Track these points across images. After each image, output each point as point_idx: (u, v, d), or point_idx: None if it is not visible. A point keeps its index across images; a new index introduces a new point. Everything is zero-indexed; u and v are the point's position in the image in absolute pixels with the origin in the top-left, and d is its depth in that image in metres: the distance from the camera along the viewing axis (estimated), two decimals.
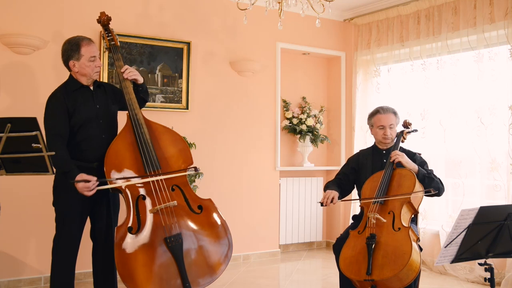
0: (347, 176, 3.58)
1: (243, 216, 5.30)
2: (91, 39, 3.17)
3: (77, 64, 3.08)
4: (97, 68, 3.14)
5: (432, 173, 3.35)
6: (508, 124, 4.36)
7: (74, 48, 3.07)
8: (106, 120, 3.21)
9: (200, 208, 3.14)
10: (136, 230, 2.95)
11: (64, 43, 3.14)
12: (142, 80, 3.33)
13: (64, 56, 3.12)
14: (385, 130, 3.45)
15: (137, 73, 3.28)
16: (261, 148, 5.47)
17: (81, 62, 3.08)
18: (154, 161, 3.07)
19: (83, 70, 3.09)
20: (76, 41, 3.09)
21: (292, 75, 5.95)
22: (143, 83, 3.36)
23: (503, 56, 4.49)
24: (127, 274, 2.85)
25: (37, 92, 4.28)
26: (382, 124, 3.45)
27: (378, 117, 3.48)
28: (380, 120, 3.46)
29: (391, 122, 3.46)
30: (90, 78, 3.15)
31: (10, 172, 2.32)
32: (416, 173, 3.26)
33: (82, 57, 3.07)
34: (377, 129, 3.49)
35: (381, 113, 3.47)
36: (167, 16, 4.93)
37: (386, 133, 3.45)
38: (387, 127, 3.45)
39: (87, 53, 3.08)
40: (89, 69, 3.10)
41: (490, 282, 2.51)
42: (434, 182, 3.27)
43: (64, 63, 3.14)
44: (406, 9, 5.25)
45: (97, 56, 3.13)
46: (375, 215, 3.13)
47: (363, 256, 3.02)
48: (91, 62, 3.09)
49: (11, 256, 4.19)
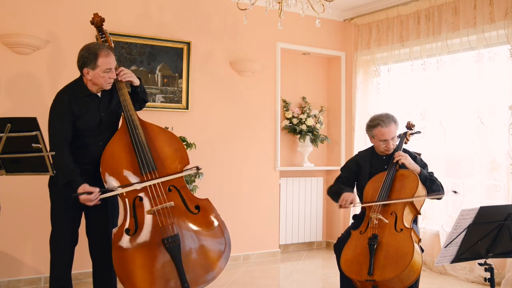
0: (348, 179, 3.54)
1: (243, 216, 5.30)
2: (111, 49, 3.09)
3: (91, 72, 3.02)
4: (110, 80, 3.08)
5: (433, 175, 3.34)
6: (508, 124, 4.36)
7: (92, 57, 3.00)
8: (108, 127, 3.18)
9: (197, 208, 3.13)
10: (133, 232, 2.94)
11: (82, 48, 3.07)
12: (138, 81, 3.27)
13: (79, 61, 3.05)
14: (387, 144, 3.36)
15: (132, 75, 3.23)
16: (261, 148, 5.47)
17: (95, 72, 3.01)
18: (150, 162, 3.06)
19: (96, 80, 3.04)
20: (95, 50, 3.01)
21: (292, 75, 5.95)
22: (141, 83, 3.32)
23: (503, 56, 4.49)
24: (125, 276, 2.85)
25: (37, 92, 4.28)
26: (385, 138, 3.35)
27: (380, 130, 3.35)
28: (383, 135, 3.35)
29: (393, 135, 3.36)
30: (101, 88, 3.11)
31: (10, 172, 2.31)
32: (418, 175, 3.25)
33: (97, 68, 3.01)
34: (379, 142, 3.39)
35: (383, 127, 3.33)
36: (167, 16, 4.93)
37: (389, 146, 3.37)
38: (389, 140, 3.35)
39: (104, 64, 3.01)
40: (102, 80, 3.04)
41: (490, 282, 2.51)
42: (435, 184, 3.27)
43: (78, 68, 3.08)
44: (406, 9, 5.25)
45: (113, 68, 3.06)
46: (377, 216, 3.14)
47: (364, 256, 3.02)
48: (106, 73, 3.03)
49: (11, 256, 4.19)
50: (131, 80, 3.22)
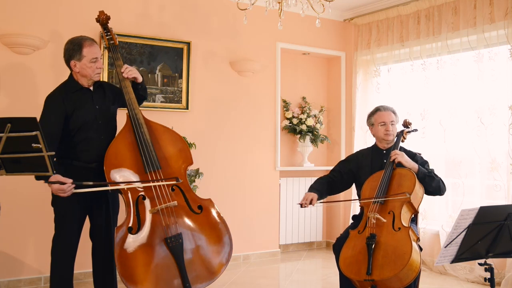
0: (342, 176, 3.54)
1: (243, 216, 5.30)
2: (94, 40, 3.15)
3: (78, 64, 3.06)
4: (98, 70, 3.12)
5: (433, 172, 3.34)
6: (508, 124, 4.36)
7: (76, 48, 3.05)
8: (105, 120, 3.19)
9: (200, 208, 3.14)
10: (136, 230, 2.95)
11: (66, 42, 3.12)
12: (141, 78, 3.32)
13: (65, 56, 3.10)
14: (387, 126, 3.45)
15: (136, 72, 3.28)
16: (261, 148, 5.47)
17: (82, 62, 3.05)
18: (154, 160, 3.07)
19: (84, 71, 3.07)
20: (78, 42, 3.07)
21: (292, 75, 5.95)
22: (143, 81, 3.36)
23: (503, 56, 4.49)
24: (127, 275, 2.85)
25: (37, 92, 4.28)
26: (384, 121, 3.46)
27: (378, 114, 3.49)
28: (381, 117, 3.47)
29: (392, 119, 3.47)
30: (91, 79, 3.13)
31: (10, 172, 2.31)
32: (416, 173, 3.26)
33: (83, 58, 3.05)
34: (379, 126, 3.48)
35: (382, 110, 3.50)
36: (167, 16, 4.93)
37: (388, 128, 3.45)
38: (388, 123, 3.45)
39: (89, 54, 3.05)
40: (90, 70, 3.08)
41: (490, 282, 2.51)
42: (435, 181, 3.27)
43: (65, 63, 3.13)
44: (406, 9, 5.25)
45: (99, 57, 3.10)
46: (375, 215, 3.14)
47: (363, 256, 3.02)
48: (93, 63, 3.07)
49: (11, 256, 4.19)
50: (135, 77, 3.25)
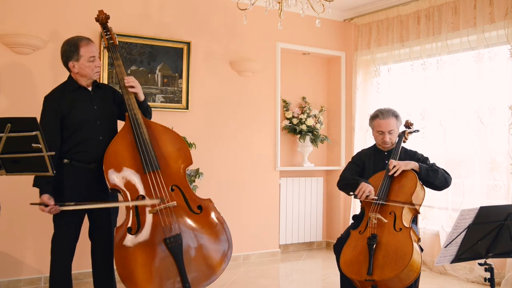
0: (356, 173, 3.51)
1: (243, 216, 5.30)
2: (90, 39, 3.14)
3: (76, 65, 3.05)
4: (97, 68, 3.11)
5: (435, 165, 3.33)
6: (508, 124, 4.36)
7: (73, 49, 3.04)
8: (105, 121, 3.17)
9: (200, 208, 3.13)
10: (135, 231, 2.95)
11: (63, 44, 3.11)
12: (143, 97, 3.21)
13: (63, 57, 3.09)
14: (384, 136, 3.42)
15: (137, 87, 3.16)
16: (261, 148, 5.47)
17: (80, 62, 3.05)
18: (153, 161, 3.06)
19: (83, 70, 3.07)
20: (75, 42, 3.06)
21: (292, 75, 5.95)
22: (145, 100, 3.25)
23: (503, 56, 4.49)
24: (127, 275, 2.85)
25: (37, 92, 4.27)
26: (381, 130, 3.42)
27: (377, 122, 3.44)
28: (379, 126, 3.43)
29: (390, 128, 3.40)
30: (90, 79, 3.12)
31: (10, 172, 2.31)
32: (418, 171, 3.25)
33: (81, 58, 3.04)
34: (376, 133, 3.47)
35: (381, 118, 3.42)
36: (167, 16, 4.93)
37: (385, 138, 3.42)
38: (386, 132, 3.41)
39: (86, 53, 3.05)
40: (88, 69, 3.07)
41: (490, 282, 2.51)
42: (439, 173, 3.26)
43: (64, 64, 3.11)
44: (406, 9, 5.25)
45: (96, 56, 3.10)
46: (376, 215, 3.13)
47: (364, 256, 3.02)
48: (91, 63, 3.07)
49: (11, 256, 4.19)
50: (135, 92, 3.17)
